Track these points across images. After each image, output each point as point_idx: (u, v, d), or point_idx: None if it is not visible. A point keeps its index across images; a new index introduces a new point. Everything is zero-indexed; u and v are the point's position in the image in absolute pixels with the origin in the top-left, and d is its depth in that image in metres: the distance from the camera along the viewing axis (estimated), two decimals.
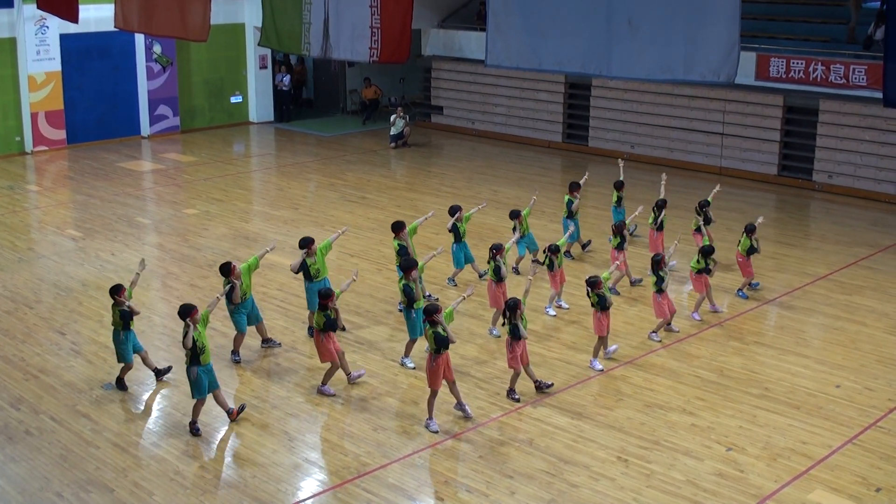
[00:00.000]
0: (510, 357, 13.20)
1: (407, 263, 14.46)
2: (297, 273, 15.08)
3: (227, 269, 14.25)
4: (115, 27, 19.70)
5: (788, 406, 13.22)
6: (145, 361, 13.87)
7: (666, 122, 27.46)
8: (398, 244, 15.82)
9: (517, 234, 17.47)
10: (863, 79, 22.87)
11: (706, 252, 16.09)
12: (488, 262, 15.40)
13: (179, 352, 14.43)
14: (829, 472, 11.59)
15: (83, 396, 13.43)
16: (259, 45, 19.73)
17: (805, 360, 14.73)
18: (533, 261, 17.57)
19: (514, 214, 17.65)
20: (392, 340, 15.25)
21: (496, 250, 15.30)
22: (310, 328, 15.35)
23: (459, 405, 12.87)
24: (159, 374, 13.97)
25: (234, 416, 12.70)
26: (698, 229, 17.95)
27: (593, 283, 14.20)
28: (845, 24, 25.73)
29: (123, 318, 13.40)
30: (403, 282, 14.29)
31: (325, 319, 13.19)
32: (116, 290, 13.46)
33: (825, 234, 21.44)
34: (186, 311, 12.32)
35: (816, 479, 11.43)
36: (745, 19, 16.19)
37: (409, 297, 14.25)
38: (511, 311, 13.01)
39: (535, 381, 13.57)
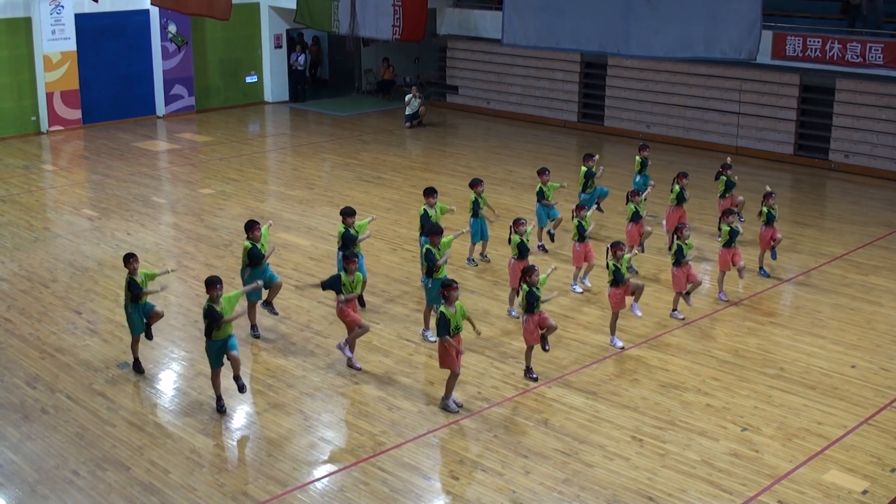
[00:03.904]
0: (525, 331, 13.12)
1: (432, 229, 14.39)
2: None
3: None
4: (151, 4, 21.16)
5: (804, 386, 13.20)
6: (135, 340, 13.63)
7: (682, 101, 27.32)
8: (423, 209, 15.90)
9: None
10: (879, 57, 22.70)
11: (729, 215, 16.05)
12: (509, 239, 15.05)
13: (195, 331, 14.48)
14: (844, 452, 11.57)
15: (99, 375, 13.49)
16: (294, 21, 20.13)
17: (820, 340, 14.69)
18: (539, 245, 17.59)
19: (540, 196, 17.68)
20: (407, 320, 15.25)
21: (516, 224, 14.91)
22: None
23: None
24: (136, 365, 13.62)
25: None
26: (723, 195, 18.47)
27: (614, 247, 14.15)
28: (862, 2, 25.52)
29: (130, 290, 13.19)
30: (427, 247, 14.24)
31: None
32: (128, 258, 13.21)
33: (841, 213, 21.34)
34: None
35: (831, 459, 11.42)
36: None
37: (429, 263, 14.11)
38: (525, 273, 12.94)
39: (544, 344, 13.34)
